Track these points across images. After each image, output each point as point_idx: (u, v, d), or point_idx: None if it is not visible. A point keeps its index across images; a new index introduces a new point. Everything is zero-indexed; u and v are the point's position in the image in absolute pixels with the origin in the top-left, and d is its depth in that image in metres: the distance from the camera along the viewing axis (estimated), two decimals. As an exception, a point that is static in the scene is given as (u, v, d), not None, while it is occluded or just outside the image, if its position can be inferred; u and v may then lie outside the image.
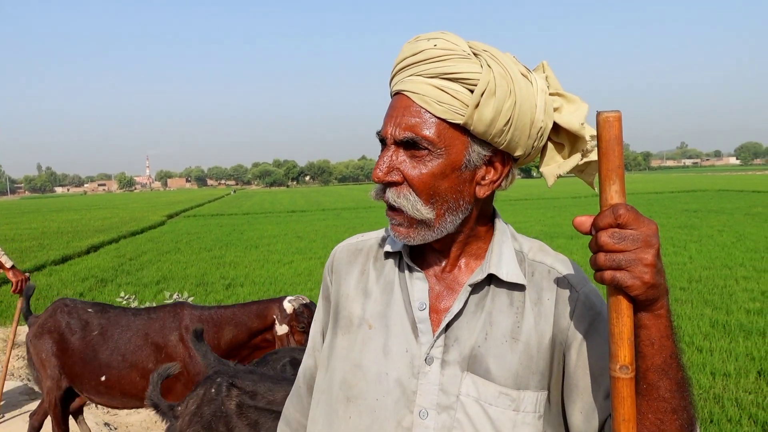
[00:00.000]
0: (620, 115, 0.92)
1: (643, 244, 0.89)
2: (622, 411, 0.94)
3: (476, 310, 1.13)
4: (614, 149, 0.91)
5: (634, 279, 0.89)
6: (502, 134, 1.06)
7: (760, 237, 15.44)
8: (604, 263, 0.90)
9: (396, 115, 1.08)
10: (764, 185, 46.88)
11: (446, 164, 1.07)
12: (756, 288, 9.44)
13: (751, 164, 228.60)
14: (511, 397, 1.08)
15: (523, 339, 1.10)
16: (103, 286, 12.26)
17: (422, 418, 1.09)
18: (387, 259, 1.24)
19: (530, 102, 1.06)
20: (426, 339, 1.12)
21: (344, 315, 1.23)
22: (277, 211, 38.09)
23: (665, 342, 0.95)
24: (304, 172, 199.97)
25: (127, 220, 31.67)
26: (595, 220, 0.92)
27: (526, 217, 24.64)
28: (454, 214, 1.11)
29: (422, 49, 1.07)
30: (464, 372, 1.10)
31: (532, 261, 1.17)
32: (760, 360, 6.16)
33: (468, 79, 1.04)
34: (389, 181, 1.10)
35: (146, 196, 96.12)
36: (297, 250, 16.89)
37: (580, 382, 1.10)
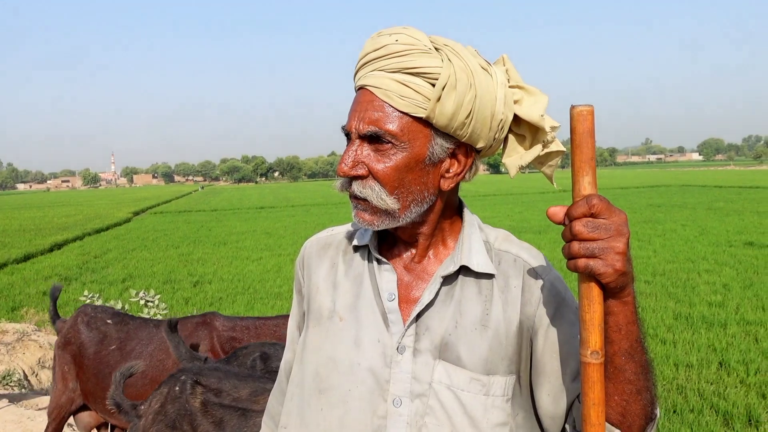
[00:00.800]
0: (593, 109, 0.95)
1: (615, 233, 0.93)
2: (593, 395, 0.97)
3: (446, 299, 1.15)
4: (587, 142, 0.94)
5: (606, 267, 0.92)
6: (464, 127, 1.09)
7: (722, 231, 15.81)
8: (578, 251, 0.93)
9: (360, 110, 1.10)
10: (725, 180, 48.04)
11: (410, 157, 1.09)
12: (718, 281, 9.66)
13: (713, 160, 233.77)
14: (482, 383, 1.12)
15: (492, 326, 1.13)
16: (67, 284, 12.01)
17: (396, 406, 1.12)
18: (356, 252, 1.26)
19: (490, 95, 1.08)
20: (397, 329, 1.14)
21: (315, 308, 1.24)
22: (246, 207, 37.82)
23: (631, 327, 0.99)
24: (272, 168, 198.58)
25: (92, 217, 31.12)
26: (569, 210, 0.95)
27: (495, 212, 24.86)
28: (418, 206, 1.13)
29: (384, 45, 1.08)
30: (436, 360, 1.12)
31: (498, 250, 1.20)
32: (721, 351, 6.30)
33: (429, 73, 1.06)
34: (354, 174, 1.11)
35: (111, 193, 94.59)
36: (266, 246, 16.79)
37: (547, 366, 1.14)
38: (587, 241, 0.93)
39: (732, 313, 7.71)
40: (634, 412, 1.04)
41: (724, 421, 4.77)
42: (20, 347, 6.37)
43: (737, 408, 4.89)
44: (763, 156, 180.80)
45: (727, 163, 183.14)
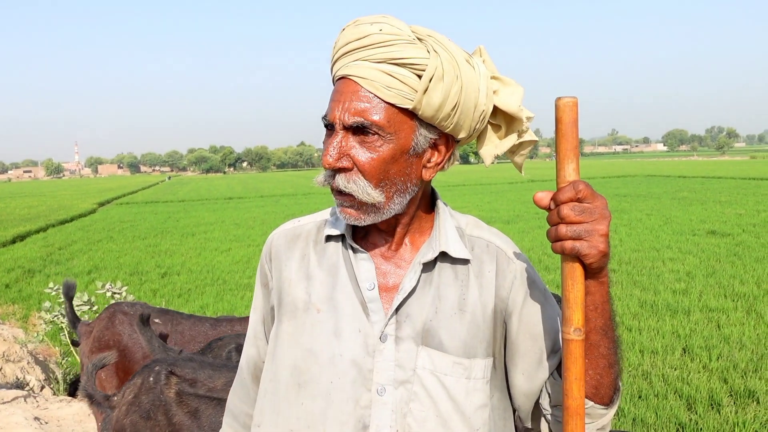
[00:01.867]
0: (577, 101, 0.99)
1: (599, 216, 0.98)
2: (575, 370, 1.02)
3: (425, 286, 1.17)
4: (572, 131, 0.99)
5: (591, 248, 0.97)
6: (449, 118, 1.09)
7: (686, 220, 16.12)
8: (565, 234, 0.97)
9: (344, 100, 1.08)
10: (689, 170, 48.97)
11: (396, 148, 1.09)
12: (681, 269, 9.86)
13: (677, 150, 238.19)
14: (464, 366, 1.14)
15: (470, 310, 1.16)
16: (30, 276, 11.78)
17: (380, 394, 1.12)
18: (328, 242, 1.24)
19: (474, 86, 1.09)
20: (378, 317, 1.15)
21: (288, 301, 1.22)
22: (214, 198, 37.40)
23: (606, 306, 1.05)
24: (241, 159, 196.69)
25: (56, 208, 30.45)
26: (556, 195, 0.99)
27: (465, 202, 24.99)
28: (402, 196, 1.13)
29: (367, 34, 1.07)
30: (419, 346, 1.14)
31: (471, 236, 1.23)
32: (685, 337, 6.44)
33: (416, 64, 1.05)
34: (340, 167, 1.09)
35: (76, 183, 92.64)
36: (234, 237, 16.64)
37: (522, 345, 1.18)
38: (574, 224, 0.97)
39: (695, 300, 7.88)
40: (606, 384, 1.10)
41: (687, 405, 4.88)
42: (-17, 341, 6.22)
43: (700, 392, 5.01)
44: (725, 147, 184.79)
45: (690, 153, 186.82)
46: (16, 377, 5.77)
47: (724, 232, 13.58)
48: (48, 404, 4.81)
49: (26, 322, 8.32)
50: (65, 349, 6.68)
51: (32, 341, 7.06)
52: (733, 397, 4.99)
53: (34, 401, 4.80)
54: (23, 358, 6.26)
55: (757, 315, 7.14)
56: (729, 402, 4.90)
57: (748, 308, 7.45)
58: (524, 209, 20.67)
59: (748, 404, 4.83)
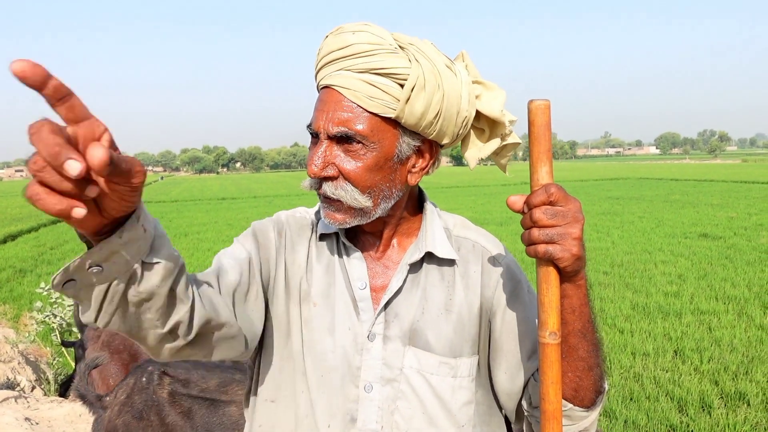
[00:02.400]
0: (549, 104, 0.99)
1: (572, 220, 0.97)
2: (551, 374, 1.02)
3: (412, 287, 1.20)
4: (545, 134, 0.99)
5: (564, 251, 0.97)
6: (432, 125, 1.11)
7: (677, 223, 16.19)
8: (538, 238, 0.97)
9: (328, 110, 1.09)
10: (681, 173, 49.18)
11: (379, 156, 1.11)
12: (673, 271, 9.89)
13: (669, 153, 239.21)
14: (450, 365, 1.17)
15: (456, 310, 1.19)
16: (21, 276, 11.72)
17: (367, 391, 1.16)
18: (323, 240, 1.26)
19: (456, 93, 1.11)
20: (367, 316, 1.18)
21: (295, 286, 1.23)
22: (207, 198, 37.32)
23: (584, 309, 1.05)
24: (234, 159, 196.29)
25: (48, 207, 30.27)
26: (529, 199, 0.99)
27: (458, 204, 25.01)
28: (387, 201, 1.15)
29: (349, 44, 1.08)
30: (406, 346, 1.17)
31: (457, 237, 1.26)
32: (676, 340, 6.47)
33: (397, 74, 1.07)
34: (325, 176, 1.11)
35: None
36: (228, 238, 16.59)
37: (505, 345, 1.20)
38: (546, 227, 0.97)
39: (687, 302, 7.91)
40: (586, 387, 1.10)
41: (678, 407, 4.90)
42: (-27, 341, 6.19)
43: (691, 395, 5.03)
44: (717, 150, 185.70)
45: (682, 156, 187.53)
46: (7, 378, 5.73)
47: (715, 235, 13.64)
48: (39, 405, 4.79)
49: (17, 322, 8.27)
50: (56, 349, 6.65)
51: (23, 341, 7.02)
52: (724, 400, 5.01)
53: (24, 402, 4.77)
54: (14, 359, 6.23)
55: (748, 318, 7.17)
56: (720, 404, 4.93)
57: (739, 311, 7.48)
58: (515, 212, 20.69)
59: (739, 406, 4.85)
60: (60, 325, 6.52)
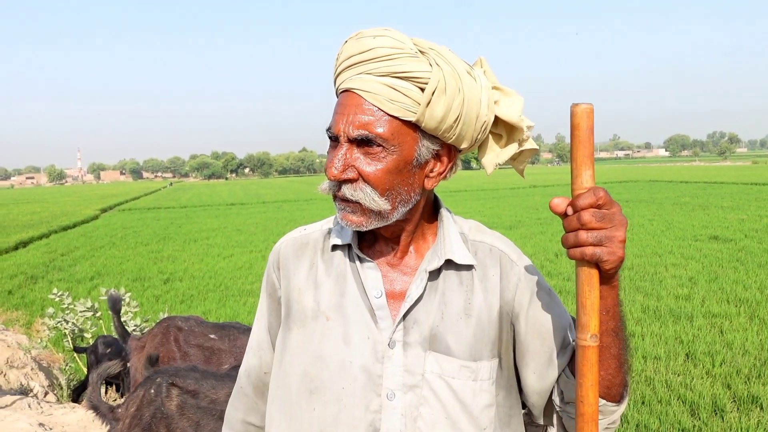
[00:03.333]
0: (593, 108, 1.00)
1: (618, 223, 0.99)
2: (591, 377, 1.03)
3: (431, 292, 1.20)
4: (589, 138, 0.99)
5: (611, 254, 0.98)
6: (452, 130, 1.12)
7: (688, 225, 16.12)
8: (586, 240, 0.98)
9: (348, 113, 1.10)
10: (691, 176, 48.95)
11: (399, 160, 1.11)
12: (684, 274, 9.85)
13: (679, 156, 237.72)
14: (471, 369, 1.17)
15: (475, 314, 1.19)
16: (33, 282, 11.82)
17: (390, 399, 1.15)
18: (335, 251, 1.26)
19: (476, 98, 1.12)
20: (386, 324, 1.17)
21: (297, 309, 1.24)
22: (216, 204, 37.45)
23: (617, 309, 1.07)
24: (243, 165, 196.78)
25: (58, 214, 30.52)
26: (576, 201, 0.99)
27: (467, 208, 25.00)
28: (405, 205, 1.16)
29: (370, 48, 1.09)
30: (427, 351, 1.17)
31: (474, 241, 1.26)
32: (688, 343, 6.44)
33: (418, 77, 1.07)
34: (345, 178, 1.12)
35: (78, 190, 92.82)
36: (237, 243, 16.65)
37: (531, 346, 1.22)
38: (594, 230, 0.98)
39: (698, 305, 7.88)
40: (617, 384, 1.13)
41: (690, 411, 4.88)
42: (-13, 347, 6.24)
43: (703, 398, 5.00)
44: (727, 152, 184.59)
45: (692, 158, 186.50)
46: (20, 383, 5.78)
47: (726, 237, 13.57)
48: (52, 410, 4.82)
49: (30, 328, 8.34)
50: (69, 355, 6.70)
51: (36, 347, 7.08)
52: (736, 403, 4.98)
53: (38, 407, 4.81)
54: (27, 364, 6.27)
55: (760, 320, 7.13)
56: (732, 408, 4.90)
57: (751, 314, 7.44)
58: (526, 215, 20.68)
59: (752, 410, 4.82)
60: (72, 331, 6.56)
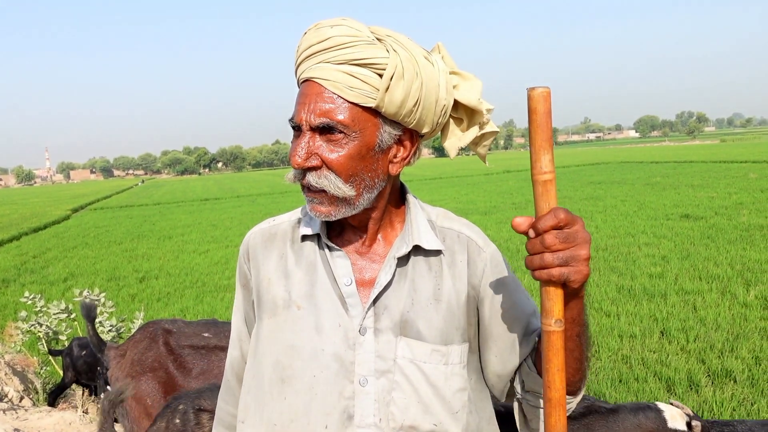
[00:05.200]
0: (549, 91, 0.99)
1: (581, 240, 1.00)
2: (556, 361, 1.03)
3: (400, 279, 1.22)
4: (546, 122, 0.98)
5: (577, 273, 1.00)
6: (411, 114, 1.14)
7: (659, 205, 16.34)
8: (552, 262, 0.99)
9: (309, 102, 1.12)
10: (661, 156, 49.63)
11: (361, 146, 1.13)
12: (657, 253, 10.00)
13: (648, 136, 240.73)
14: (441, 353, 1.20)
15: (445, 299, 1.21)
16: (5, 286, 11.59)
17: (362, 385, 1.17)
18: (304, 242, 1.27)
19: (434, 82, 1.14)
20: (356, 312, 1.19)
21: (267, 299, 1.25)
22: (190, 199, 37.08)
23: (581, 317, 1.11)
24: (216, 159, 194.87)
25: (28, 216, 29.95)
26: (537, 224, 1.00)
27: (442, 195, 25.07)
28: (370, 192, 1.17)
29: (328, 37, 1.10)
30: (398, 336, 1.19)
31: (441, 227, 1.28)
32: (662, 320, 6.54)
33: (376, 64, 1.09)
34: (309, 166, 1.13)
35: (48, 190, 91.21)
36: (212, 238, 16.53)
37: (494, 330, 1.24)
38: (559, 251, 0.99)
39: (671, 283, 8.00)
40: (576, 380, 1.18)
41: (667, 387, 4.96)
42: (-41, 354, 6.12)
43: (679, 374, 5.09)
44: (695, 131, 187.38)
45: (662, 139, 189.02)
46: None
47: (697, 215, 13.79)
48: (28, 415, 4.74)
49: (2, 332, 8.19)
50: (43, 358, 6.60)
51: (9, 352, 6.95)
52: (711, 378, 5.08)
53: (13, 413, 4.73)
54: (0, 369, 6.16)
55: (732, 296, 7.27)
56: (707, 382, 4.99)
57: (722, 289, 7.58)
58: (501, 200, 20.81)
59: (726, 383, 4.92)
60: (46, 333, 6.45)
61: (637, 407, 2.38)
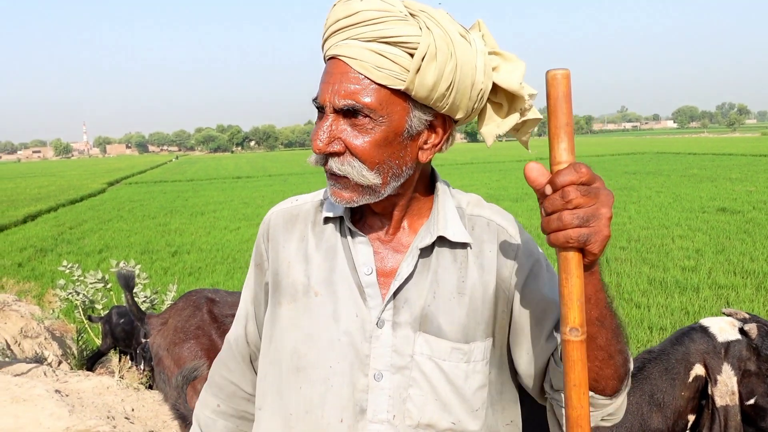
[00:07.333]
0: (569, 73, 0.90)
1: (604, 198, 0.90)
2: (573, 375, 0.93)
3: (423, 270, 1.14)
4: (562, 107, 0.90)
5: (598, 233, 0.89)
6: (444, 98, 1.04)
7: (695, 197, 16.07)
8: (571, 222, 0.88)
9: (333, 82, 1.04)
10: (699, 147, 48.60)
11: (388, 131, 1.04)
12: (691, 246, 9.86)
13: (687, 127, 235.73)
14: (463, 351, 1.12)
15: (468, 293, 1.13)
16: (42, 255, 11.93)
17: (377, 380, 1.10)
18: (326, 224, 1.20)
19: (471, 64, 1.04)
20: (375, 303, 1.12)
21: (287, 283, 1.19)
22: (222, 177, 37.51)
23: (600, 295, 0.98)
24: (248, 138, 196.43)
25: (66, 188, 30.66)
26: (555, 178, 0.89)
27: (472, 181, 24.96)
28: (397, 179, 1.09)
29: (357, 11, 1.02)
30: (417, 332, 1.11)
31: (471, 215, 1.19)
32: (694, 314, 6.46)
33: (407, 42, 1.00)
34: (331, 152, 1.06)
35: (85, 163, 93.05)
36: (244, 216, 16.72)
37: (525, 326, 1.14)
38: (578, 209, 0.88)
39: (704, 277, 7.90)
40: (607, 376, 1.05)
41: (696, 380, 4.92)
42: (2, 317, 6.33)
43: (709, 368, 5.04)
44: (736, 123, 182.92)
45: (701, 130, 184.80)
46: (35, 352, 5.88)
47: (734, 209, 13.53)
48: (67, 378, 4.91)
49: (42, 299, 8.45)
50: (80, 325, 6.79)
51: (48, 318, 7.18)
52: (741, 373, 5.02)
53: (53, 375, 4.90)
54: (40, 334, 6.38)
55: (767, 292, 7.15)
56: (737, 377, 4.94)
57: (757, 285, 7.46)
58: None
59: (757, 379, 4.86)
60: (83, 302, 6.64)
61: (681, 334, 2.25)
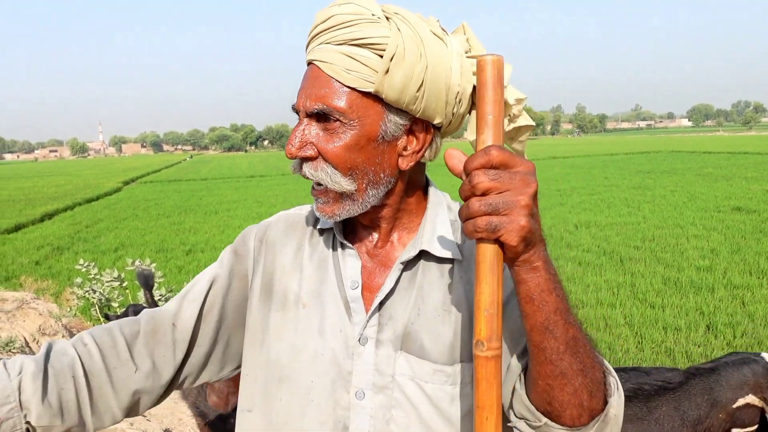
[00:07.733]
0: (499, 59, 0.86)
1: (520, 183, 0.83)
2: (477, 395, 0.87)
3: (408, 286, 1.10)
4: (487, 94, 0.85)
5: (510, 222, 0.82)
6: (416, 101, 1.01)
7: (710, 197, 15.94)
8: (478, 208, 0.82)
9: (307, 86, 1.03)
10: (714, 146, 48.18)
11: (360, 135, 1.02)
12: (706, 246, 9.79)
13: (702, 126, 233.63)
14: (446, 373, 1.06)
15: (455, 310, 1.08)
16: (59, 254, 12.05)
17: (359, 398, 1.07)
18: (321, 235, 1.19)
19: (444, 65, 1.00)
20: (359, 319, 1.09)
21: (278, 289, 1.16)
22: (236, 176, 37.67)
23: (545, 297, 0.88)
24: (262, 137, 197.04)
25: (82, 186, 30.94)
26: (466, 164, 0.85)
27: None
28: (376, 188, 1.06)
29: (332, 15, 1.01)
30: (398, 351, 1.07)
31: None
32: (708, 314, 6.44)
33: (377, 44, 0.98)
34: (303, 156, 1.04)
35: (100, 163, 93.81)
36: (258, 215, 16.78)
37: (505, 345, 1.05)
38: (487, 196, 0.82)
39: (719, 277, 7.85)
40: (561, 400, 0.93)
41: (710, 381, 4.90)
42: (20, 315, 6.41)
43: (723, 369, 5.02)
44: (752, 122, 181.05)
45: (716, 128, 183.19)
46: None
47: (749, 208, 13.42)
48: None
49: (59, 297, 8.54)
50: (97, 323, 6.87)
51: (66, 316, 7.26)
52: (756, 374, 5.00)
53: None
54: (58, 332, 6.45)
55: (783, 292, 7.10)
56: (752, 378, 4.92)
57: (773, 285, 7.40)
58: (545, 186, 20.55)
59: (772, 380, 4.84)
60: (99, 300, 6.72)
61: (741, 361, 2.27)
